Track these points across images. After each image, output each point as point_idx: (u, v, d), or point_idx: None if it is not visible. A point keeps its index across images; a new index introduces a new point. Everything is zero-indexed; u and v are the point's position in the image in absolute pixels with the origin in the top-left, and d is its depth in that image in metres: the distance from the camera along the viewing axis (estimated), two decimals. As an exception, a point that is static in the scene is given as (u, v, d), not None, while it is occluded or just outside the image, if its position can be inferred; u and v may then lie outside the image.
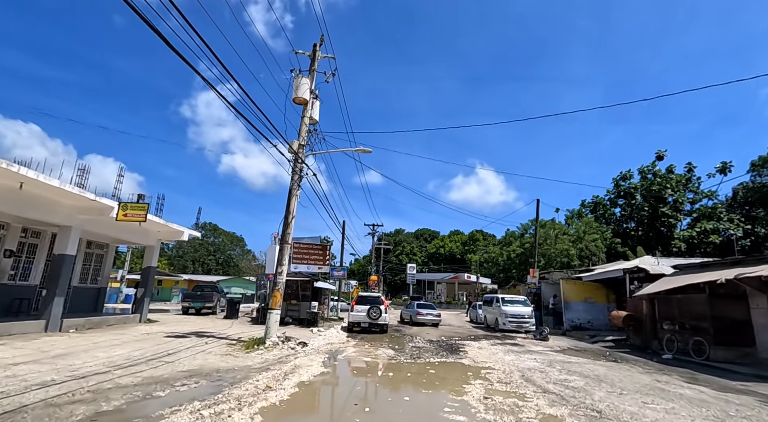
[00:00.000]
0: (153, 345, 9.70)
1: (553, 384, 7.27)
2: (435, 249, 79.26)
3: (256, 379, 6.68)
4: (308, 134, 12.87)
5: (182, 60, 6.17)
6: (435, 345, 12.76)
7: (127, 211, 11.81)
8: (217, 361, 8.21)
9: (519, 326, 18.55)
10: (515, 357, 10.75)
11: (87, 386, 5.65)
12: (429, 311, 21.61)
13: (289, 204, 12.05)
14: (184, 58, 6.17)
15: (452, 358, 10.25)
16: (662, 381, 8.06)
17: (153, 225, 14.71)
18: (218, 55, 6.72)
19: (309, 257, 22.13)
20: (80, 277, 14.33)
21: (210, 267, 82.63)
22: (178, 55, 6.03)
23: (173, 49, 5.87)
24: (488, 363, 9.68)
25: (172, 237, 16.28)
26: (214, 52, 6.64)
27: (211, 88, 7.58)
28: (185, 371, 7.10)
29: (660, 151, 36.10)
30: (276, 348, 10.16)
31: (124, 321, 14.38)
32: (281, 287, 11.55)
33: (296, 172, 12.18)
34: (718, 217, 34.03)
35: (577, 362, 10.31)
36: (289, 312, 17.72)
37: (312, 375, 7.36)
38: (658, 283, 13.20)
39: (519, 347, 13.20)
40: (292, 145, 12.18)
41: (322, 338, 13.22)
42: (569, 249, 32.58)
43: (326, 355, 9.83)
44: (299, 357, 9.18)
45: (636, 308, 14.19)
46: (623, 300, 18.80)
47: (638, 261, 17.77)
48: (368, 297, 16.72)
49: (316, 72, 13.07)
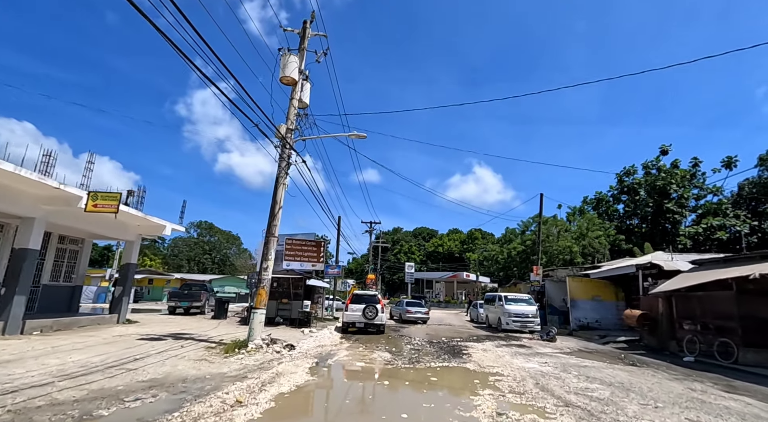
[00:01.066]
0: (120, 349, 8.65)
1: (575, 395, 6.26)
2: (433, 248, 78.33)
3: (226, 391, 5.64)
4: (297, 118, 11.83)
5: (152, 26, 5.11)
6: (436, 347, 11.76)
7: (98, 201, 10.73)
8: (187, 368, 7.17)
9: (523, 326, 17.58)
10: (524, 361, 9.75)
11: (11, 403, 4.60)
12: (417, 309, 22.18)
13: (275, 193, 11.00)
14: (154, 24, 5.11)
15: (455, 362, 9.24)
16: (697, 389, 7.06)
17: (131, 219, 13.66)
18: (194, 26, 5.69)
19: (303, 254, 21.12)
20: (51, 275, 13.23)
21: (206, 266, 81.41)
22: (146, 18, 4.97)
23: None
24: (495, 367, 8.67)
25: (153, 232, 15.21)
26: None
27: (184, 59, 6.52)
28: (146, 381, 6.06)
29: (664, 146, 35.14)
30: (259, 352, 9.12)
31: (100, 322, 13.31)
32: (266, 284, 10.51)
33: (284, 158, 11.13)
34: (723, 213, 33.13)
35: (593, 366, 9.31)
36: (280, 311, 16.69)
37: (294, 384, 6.33)
38: (677, 280, 12.22)
39: (526, 349, 12.21)
40: (279, 129, 11.13)
41: (312, 340, 12.19)
42: (572, 247, 31.62)
43: (315, 360, 8.79)
44: (284, 363, 8.15)
45: (651, 307, 13.21)
46: (633, 298, 17.84)
47: (650, 257, 16.81)
48: (364, 295, 15.68)
49: (306, 51, 12.01)
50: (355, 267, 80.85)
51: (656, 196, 34.72)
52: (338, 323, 17.85)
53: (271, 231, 10.72)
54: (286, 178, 11.18)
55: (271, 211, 10.88)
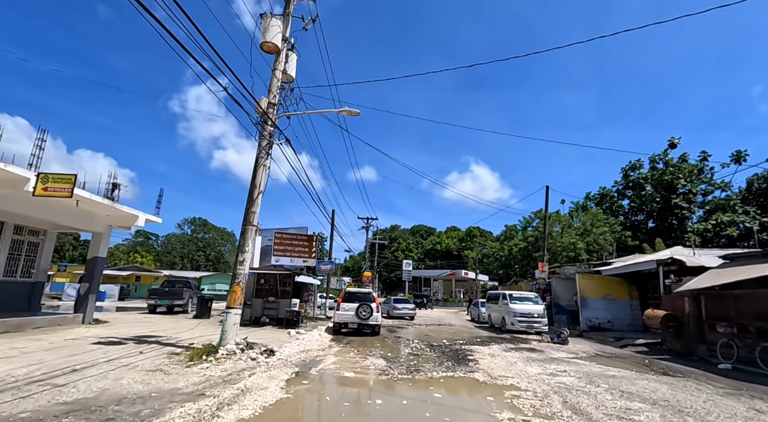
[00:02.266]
0: (62, 357, 7.25)
1: (618, 420, 4.92)
2: (431, 246, 76.98)
3: (168, 418, 4.27)
4: (282, 92, 10.42)
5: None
6: (437, 352, 10.40)
7: (48, 183, 9.29)
8: (133, 382, 5.79)
9: (529, 326, 16.27)
10: (540, 369, 8.42)
11: None
12: (404, 305, 23.38)
13: (254, 176, 9.59)
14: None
15: (461, 371, 7.90)
16: (765, 411, 5.74)
17: (98, 208, 12.21)
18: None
19: (293, 249, 19.71)
20: (5, 270, 11.78)
21: (199, 263, 79.85)
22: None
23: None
24: (509, 378, 7.33)
25: (125, 223, 13.75)
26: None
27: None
28: (67, 403, 4.68)
29: (673, 138, 33.79)
30: (230, 360, 7.74)
31: (61, 322, 11.90)
32: (243, 280, 9.10)
33: (264, 136, 9.72)
34: (733, 209, 31.95)
35: (622, 376, 7.98)
36: (266, 310, 15.31)
37: (261, 406, 4.96)
38: (707, 276, 10.91)
39: (538, 353, 10.88)
40: (260, 102, 9.72)
41: (298, 343, 10.80)
42: (576, 243, 30.31)
43: (295, 369, 7.41)
44: (256, 374, 6.77)
45: (674, 306, 11.91)
46: (649, 297, 16.56)
47: (669, 252, 15.51)
48: (357, 293, 14.30)
49: (291, 16, 10.60)
50: (352, 265, 79.48)
51: (663, 191, 33.46)
52: (330, 323, 16.48)
53: (249, 220, 9.32)
54: (268, 159, 9.77)
55: (249, 195, 9.47)
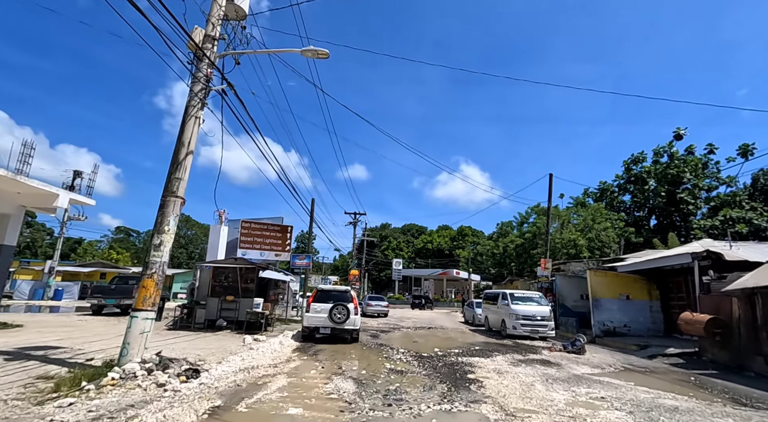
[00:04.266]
0: None
1: None
2: (422, 245, 74.77)
3: None
4: (225, 24, 7.93)
5: None
6: (427, 368, 8.01)
7: None
8: None
9: (534, 331, 14.04)
10: (569, 395, 6.09)
11: None
12: (378, 303, 24.27)
13: (182, 131, 7.10)
14: None
15: (461, 401, 5.51)
16: None
17: (3, 183, 9.58)
18: None
19: (263, 240, 17.14)
20: None
21: (181, 260, 76.47)
22: None
23: None
24: (532, 414, 4.98)
25: (43, 204, 11.04)
26: None
27: None
28: None
29: (679, 129, 31.94)
30: (122, 388, 5.25)
31: (-54, 327, 9.26)
32: (158, 272, 6.67)
33: (198, 79, 7.23)
34: (740, 205, 30.27)
35: (686, 408, 5.67)
36: (223, 312, 12.79)
37: None
38: (764, 272, 8.72)
39: (556, 368, 8.56)
40: (192, 34, 7.25)
41: (246, 356, 8.30)
42: (578, 239, 28.26)
43: (217, 402, 4.95)
44: (150, 414, 4.29)
45: (719, 309, 9.71)
46: (673, 297, 14.43)
47: (698, 245, 13.36)
48: (331, 292, 11.86)
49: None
50: (341, 264, 77.01)
51: (668, 186, 31.61)
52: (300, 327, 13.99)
53: (172, 189, 6.83)
54: (201, 110, 7.29)
55: (175, 157, 6.98)
